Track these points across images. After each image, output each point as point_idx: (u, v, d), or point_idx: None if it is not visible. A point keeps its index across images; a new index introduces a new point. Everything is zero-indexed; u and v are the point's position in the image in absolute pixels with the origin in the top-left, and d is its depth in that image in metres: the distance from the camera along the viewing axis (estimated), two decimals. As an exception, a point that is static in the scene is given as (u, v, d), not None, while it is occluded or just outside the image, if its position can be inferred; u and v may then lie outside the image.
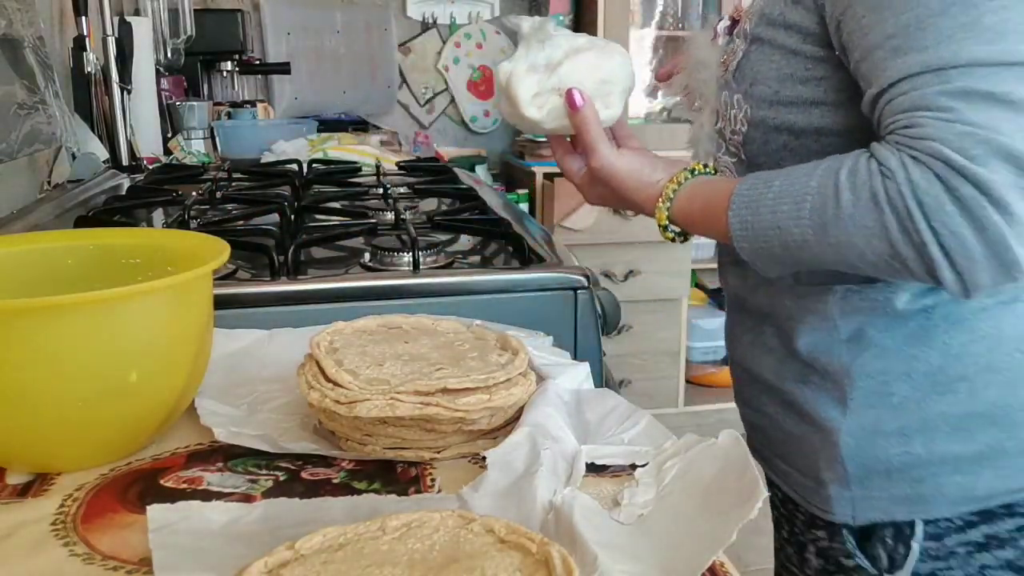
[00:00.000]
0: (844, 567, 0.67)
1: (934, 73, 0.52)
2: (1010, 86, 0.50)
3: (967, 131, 0.49)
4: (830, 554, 0.67)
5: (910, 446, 0.64)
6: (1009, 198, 0.48)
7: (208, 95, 2.31)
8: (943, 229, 0.50)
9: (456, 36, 2.93)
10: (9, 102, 1.34)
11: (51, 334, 0.50)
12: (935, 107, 0.51)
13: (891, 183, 0.52)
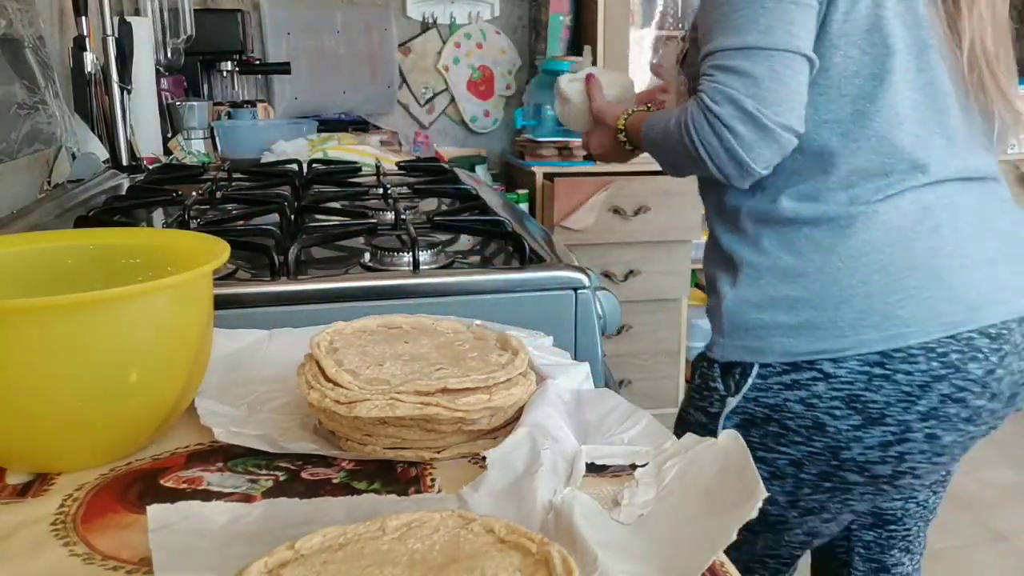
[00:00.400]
0: (710, 387, 0.99)
1: (709, 55, 0.89)
2: (739, 62, 0.86)
3: (714, 87, 0.87)
4: (706, 376, 0.99)
5: (761, 315, 0.94)
6: (733, 125, 0.86)
7: (208, 95, 2.31)
8: (703, 140, 0.88)
9: (456, 36, 2.93)
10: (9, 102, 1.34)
11: (51, 334, 0.50)
12: (705, 75, 0.89)
13: (685, 115, 0.90)
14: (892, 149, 0.90)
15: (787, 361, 0.91)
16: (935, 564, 2.13)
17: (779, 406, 0.92)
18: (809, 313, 0.90)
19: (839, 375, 0.89)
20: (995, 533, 2.26)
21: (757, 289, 0.94)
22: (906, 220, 0.90)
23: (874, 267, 0.89)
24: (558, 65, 2.59)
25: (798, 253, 0.92)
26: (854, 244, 0.90)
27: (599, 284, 0.93)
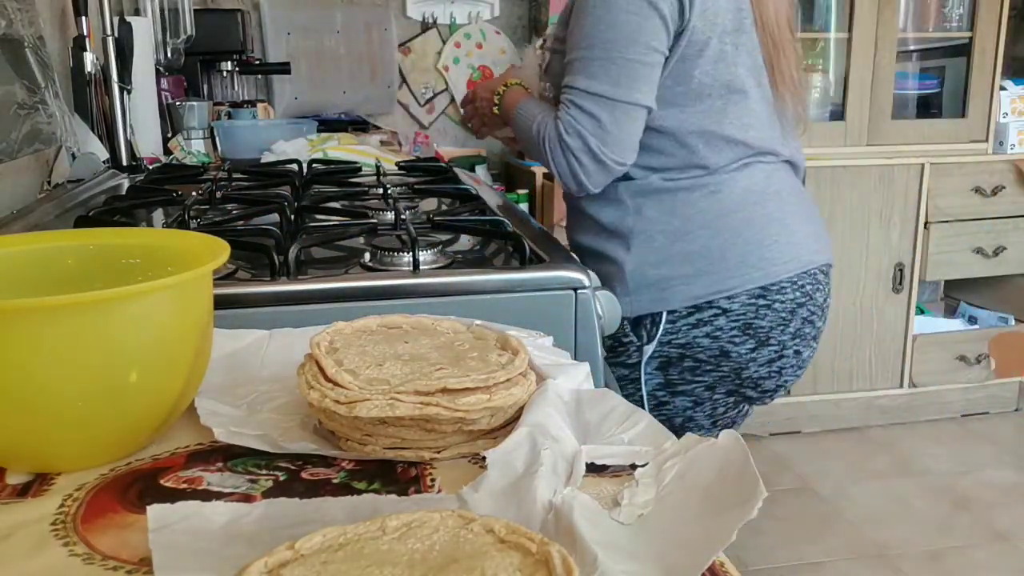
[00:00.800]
0: (623, 342, 1.16)
1: (568, 88, 1.11)
2: (590, 105, 1.09)
3: (569, 120, 1.10)
4: (616, 335, 1.15)
5: (660, 270, 1.12)
6: (580, 156, 1.10)
7: (208, 95, 2.31)
8: (554, 159, 1.12)
9: (456, 36, 2.93)
10: (9, 102, 1.34)
11: (51, 334, 0.50)
12: (563, 103, 1.12)
13: (545, 130, 1.13)
14: (743, 146, 1.14)
15: (690, 304, 1.12)
16: (935, 564, 2.14)
17: (690, 343, 1.14)
18: (701, 262, 1.12)
19: (734, 308, 1.12)
20: (995, 533, 2.26)
21: (653, 251, 1.14)
22: (757, 186, 1.15)
23: (743, 221, 1.13)
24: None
25: (681, 216, 1.14)
26: (724, 204, 1.13)
27: (599, 284, 0.93)
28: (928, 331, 2.86)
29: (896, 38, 2.68)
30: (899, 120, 2.77)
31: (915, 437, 2.81)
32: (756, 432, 2.76)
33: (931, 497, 2.44)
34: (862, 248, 2.72)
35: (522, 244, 0.94)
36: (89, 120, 1.73)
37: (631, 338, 1.14)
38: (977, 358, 2.88)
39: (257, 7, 2.69)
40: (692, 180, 1.14)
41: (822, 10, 2.74)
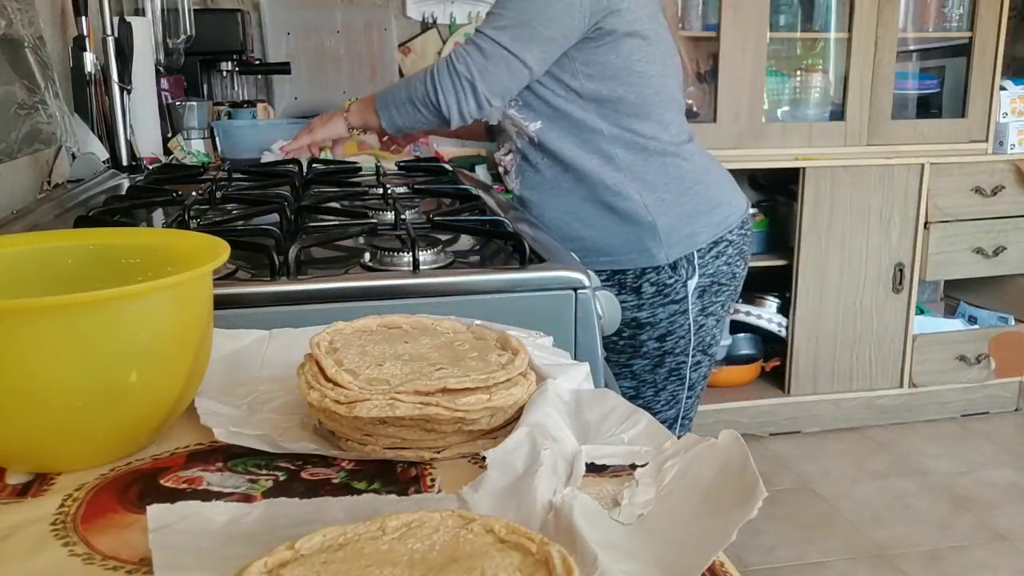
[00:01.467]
0: (668, 283, 1.38)
1: (476, 32, 1.30)
2: (485, 44, 1.28)
3: (461, 52, 1.29)
4: (657, 280, 1.38)
5: (684, 221, 1.38)
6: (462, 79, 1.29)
7: (208, 95, 2.31)
8: (439, 83, 1.31)
9: (456, 36, 2.93)
10: (9, 102, 1.34)
11: (51, 334, 0.50)
12: (465, 43, 1.30)
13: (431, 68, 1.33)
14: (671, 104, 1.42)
15: (710, 241, 1.40)
16: (935, 564, 2.14)
17: (715, 272, 1.41)
18: (706, 208, 1.40)
19: (734, 239, 1.43)
20: (995, 533, 2.26)
21: (669, 206, 1.37)
22: (702, 151, 1.46)
23: (716, 177, 1.45)
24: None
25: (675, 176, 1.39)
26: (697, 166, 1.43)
27: (599, 284, 0.93)
28: (928, 331, 2.86)
29: (896, 38, 2.68)
30: (899, 120, 2.77)
31: (915, 437, 2.81)
32: (756, 432, 2.76)
33: (931, 497, 2.44)
34: (862, 248, 2.72)
35: (522, 244, 0.94)
36: (89, 120, 1.73)
37: (675, 278, 1.37)
38: (977, 358, 2.88)
39: (257, 7, 2.69)
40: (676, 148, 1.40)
41: (822, 10, 2.74)
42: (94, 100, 1.71)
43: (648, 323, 1.39)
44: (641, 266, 1.37)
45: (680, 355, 1.42)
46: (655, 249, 1.35)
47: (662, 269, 1.36)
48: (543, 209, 1.41)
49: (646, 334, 1.39)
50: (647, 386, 1.44)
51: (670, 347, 1.40)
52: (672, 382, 1.43)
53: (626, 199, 1.36)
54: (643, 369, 1.42)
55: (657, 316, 1.38)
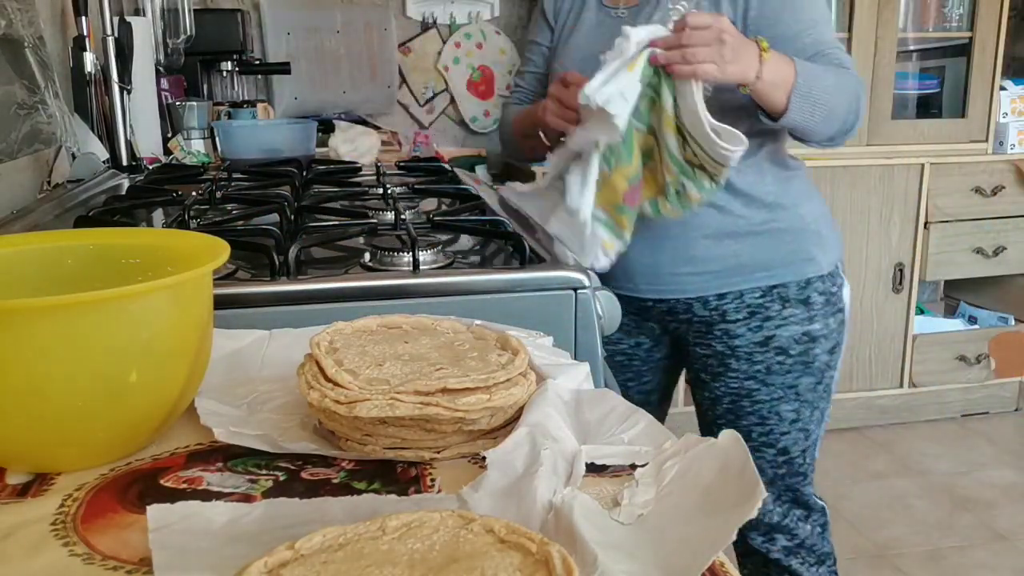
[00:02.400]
0: (832, 292, 1.30)
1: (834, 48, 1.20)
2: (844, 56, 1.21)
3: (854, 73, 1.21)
4: (825, 289, 1.29)
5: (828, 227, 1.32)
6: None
7: (208, 95, 2.31)
8: (861, 104, 1.20)
9: (456, 36, 2.93)
10: (9, 102, 1.34)
11: (51, 334, 0.50)
12: (838, 59, 1.20)
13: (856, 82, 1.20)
14: None
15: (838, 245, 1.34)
16: (935, 564, 2.14)
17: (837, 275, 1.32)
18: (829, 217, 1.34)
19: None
20: (995, 533, 2.26)
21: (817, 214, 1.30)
22: None
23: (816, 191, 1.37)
24: (558, 65, 2.60)
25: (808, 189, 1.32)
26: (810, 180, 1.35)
27: (599, 284, 0.93)
28: (928, 331, 2.86)
29: (896, 38, 2.68)
30: (899, 120, 2.77)
31: (915, 437, 2.81)
32: (756, 432, 2.76)
33: (931, 497, 2.44)
34: (862, 248, 2.72)
35: (522, 244, 0.94)
36: (89, 120, 1.73)
37: (837, 284, 1.31)
38: (977, 358, 2.88)
39: (257, 7, 2.69)
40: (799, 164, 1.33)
41: (822, 10, 2.73)
42: (94, 100, 1.71)
43: (822, 335, 1.29)
44: (806, 276, 1.27)
45: (835, 368, 1.33)
46: (819, 256, 1.28)
47: (826, 277, 1.29)
48: (685, 226, 1.24)
49: (819, 347, 1.29)
50: (807, 407, 1.32)
51: (834, 360, 1.32)
52: (824, 398, 1.34)
53: (782, 210, 1.27)
54: (808, 388, 1.31)
55: (829, 327, 1.29)
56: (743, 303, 1.27)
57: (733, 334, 1.29)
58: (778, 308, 1.27)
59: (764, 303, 1.27)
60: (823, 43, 1.18)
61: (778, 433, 1.31)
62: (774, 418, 1.31)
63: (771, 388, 1.29)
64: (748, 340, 1.28)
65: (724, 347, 1.30)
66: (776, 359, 1.28)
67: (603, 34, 1.24)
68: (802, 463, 1.35)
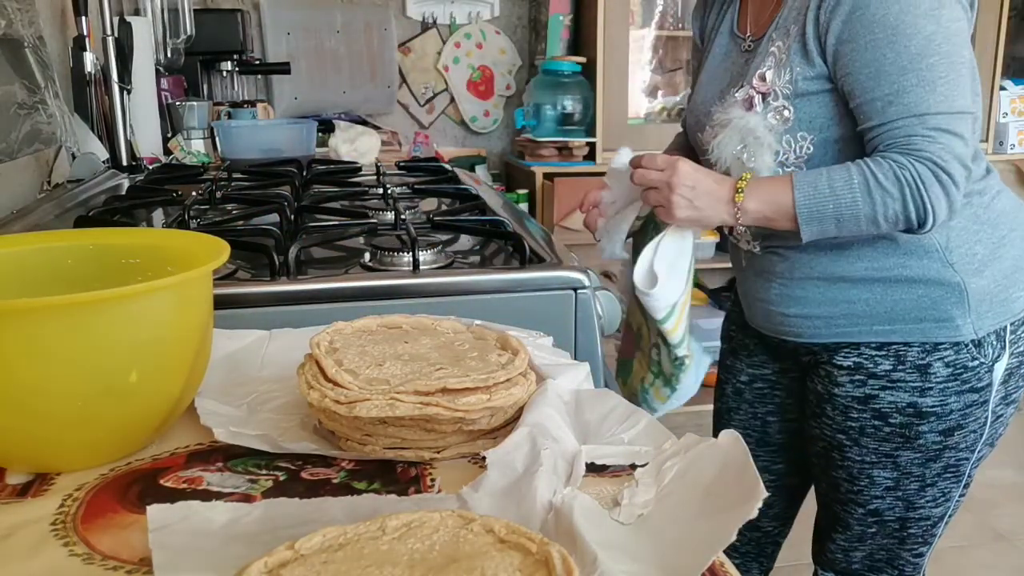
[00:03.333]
0: (969, 367, 1.05)
1: (917, 118, 0.95)
2: (956, 125, 0.95)
3: (941, 148, 0.94)
4: (956, 361, 1.05)
5: (999, 282, 1.06)
6: (959, 180, 0.94)
7: (208, 95, 2.31)
8: (933, 197, 0.94)
9: (456, 36, 2.93)
10: (9, 102, 1.34)
11: (51, 334, 0.50)
12: (922, 135, 0.95)
13: (905, 171, 0.94)
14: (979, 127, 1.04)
15: None
16: (935, 564, 2.13)
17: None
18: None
19: None
20: (995, 533, 2.26)
21: (981, 263, 1.05)
22: (1003, 184, 1.13)
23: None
24: (558, 65, 2.60)
25: (988, 222, 1.07)
26: (1011, 203, 1.11)
27: (599, 284, 0.93)
28: (928, 331, 2.85)
29: (896, 38, 2.67)
30: (899, 120, 2.77)
31: (915, 437, 2.80)
32: (756, 432, 2.76)
33: (931, 497, 2.44)
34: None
35: (522, 244, 0.94)
36: (89, 120, 1.73)
37: (979, 360, 1.05)
38: (977, 358, 2.87)
39: (257, 7, 2.69)
40: (980, 184, 1.07)
41: (822, 10, 2.73)
42: (94, 100, 1.71)
43: (933, 413, 1.06)
44: (935, 340, 1.04)
45: (964, 451, 1.10)
46: (960, 319, 1.03)
47: (963, 346, 1.04)
48: (791, 264, 1.09)
49: (927, 425, 1.06)
50: (912, 479, 1.11)
51: (955, 442, 1.09)
52: (947, 479, 1.11)
53: (923, 254, 1.04)
54: (911, 462, 1.10)
55: (948, 406, 1.05)
56: (855, 351, 1.08)
57: (835, 380, 1.10)
58: (888, 367, 1.06)
59: (876, 357, 1.07)
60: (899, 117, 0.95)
61: (869, 495, 1.13)
62: (865, 479, 1.12)
63: (863, 450, 1.10)
64: (847, 392, 1.09)
65: (824, 390, 1.12)
66: (872, 422, 1.08)
67: (730, 65, 1.12)
68: (898, 529, 1.15)
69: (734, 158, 1.04)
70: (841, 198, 0.96)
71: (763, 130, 1.03)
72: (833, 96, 1.00)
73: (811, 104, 1.01)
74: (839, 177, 0.96)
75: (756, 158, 1.03)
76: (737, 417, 1.32)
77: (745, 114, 1.04)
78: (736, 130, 1.04)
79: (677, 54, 2.86)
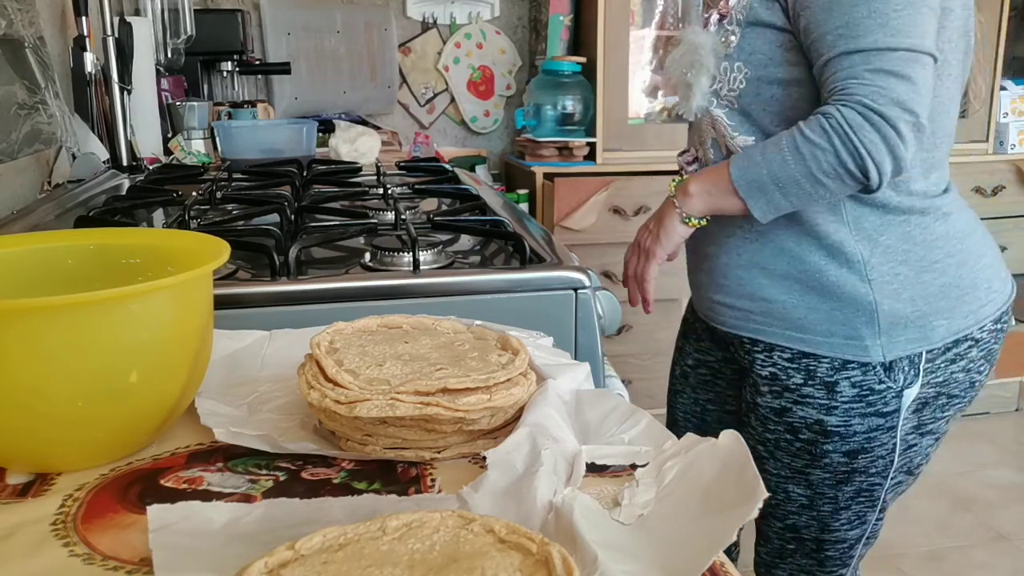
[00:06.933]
0: (875, 389, 1.01)
1: (860, 54, 0.89)
2: (903, 67, 0.88)
3: (875, 90, 0.88)
4: (862, 382, 1.01)
5: (917, 306, 1.00)
6: (899, 126, 0.88)
7: (208, 95, 2.31)
8: (866, 141, 0.88)
9: (456, 36, 2.93)
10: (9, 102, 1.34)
11: (51, 334, 0.50)
12: (859, 77, 0.89)
13: (831, 119, 0.89)
14: (944, 139, 1.04)
15: (951, 338, 1.02)
16: (935, 564, 2.13)
17: (946, 380, 1.04)
18: (956, 292, 1.02)
19: (983, 338, 1.05)
20: (995, 533, 2.26)
21: (900, 284, 1.00)
22: (963, 205, 1.08)
23: (977, 243, 1.05)
24: (558, 65, 2.60)
25: (922, 243, 1.01)
26: (957, 227, 1.04)
27: (599, 284, 0.93)
28: (928, 331, 2.86)
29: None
30: (899, 120, 2.77)
31: (915, 437, 2.81)
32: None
33: (931, 497, 2.44)
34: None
35: (522, 244, 0.94)
36: (89, 120, 1.73)
37: (887, 384, 1.01)
38: (977, 358, 2.87)
39: (257, 7, 2.69)
40: (926, 201, 1.01)
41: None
42: (94, 100, 1.72)
43: (837, 433, 1.03)
44: (844, 357, 1.01)
45: (875, 476, 1.07)
46: (868, 340, 1.00)
47: (871, 368, 1.01)
48: (719, 248, 1.08)
49: (831, 445, 1.04)
50: (825, 501, 1.08)
51: (862, 466, 1.05)
52: (860, 503, 1.09)
53: (844, 263, 1.00)
54: (822, 482, 1.07)
55: (851, 427, 1.03)
56: (770, 360, 1.06)
57: (758, 390, 1.08)
58: (800, 381, 1.04)
59: (789, 370, 1.04)
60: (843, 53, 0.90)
61: (786, 510, 1.12)
62: (781, 494, 1.11)
63: (778, 464, 1.09)
64: (767, 404, 1.07)
65: (750, 399, 1.10)
66: (785, 436, 1.06)
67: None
68: (815, 550, 1.13)
69: (681, 75, 1.04)
70: (772, 161, 0.93)
71: (707, 50, 1.01)
72: (782, 37, 0.97)
73: (757, 36, 0.98)
74: (771, 143, 0.94)
75: (695, 79, 1.02)
76: (681, 400, 1.33)
77: (699, 31, 1.03)
78: (687, 46, 1.04)
79: (677, 54, 2.85)
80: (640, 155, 2.54)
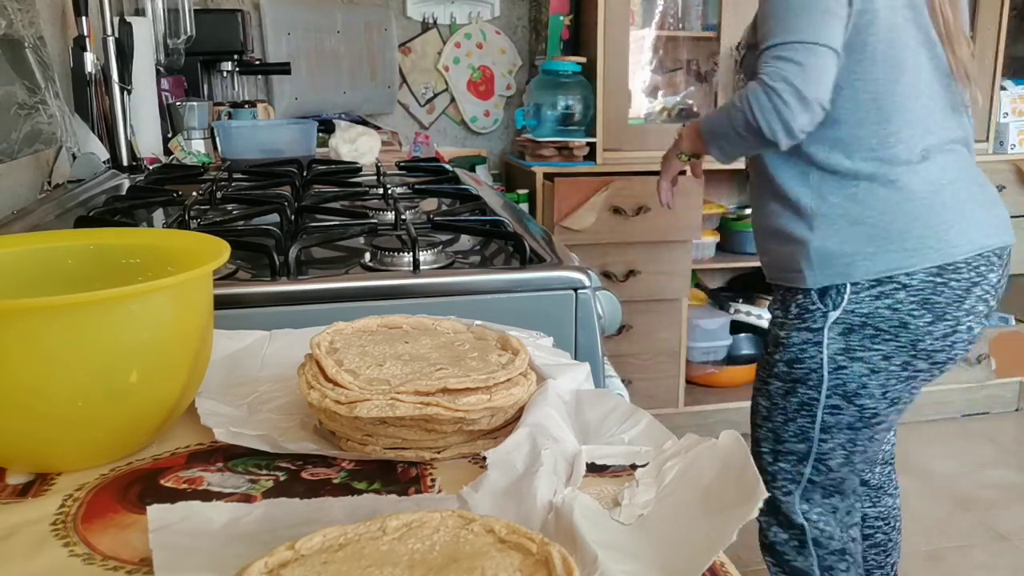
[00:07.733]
0: (810, 309, 1.34)
1: (769, 48, 1.22)
2: (794, 54, 1.19)
3: (770, 71, 1.20)
4: (803, 304, 1.35)
5: (843, 247, 1.29)
6: (786, 97, 1.19)
7: (208, 95, 2.31)
8: (758, 106, 1.22)
9: (456, 36, 2.93)
10: (9, 102, 1.34)
11: (51, 334, 0.50)
12: (766, 63, 1.22)
13: (745, 90, 1.23)
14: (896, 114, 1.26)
15: (872, 278, 1.27)
16: (935, 564, 2.13)
17: (871, 313, 1.28)
18: (881, 242, 1.26)
19: (913, 284, 1.26)
20: (995, 533, 2.26)
21: (834, 231, 1.29)
22: (933, 177, 1.26)
23: (923, 208, 1.26)
24: (558, 65, 2.60)
25: (862, 203, 1.28)
26: (903, 195, 1.26)
27: (599, 284, 0.93)
28: (928, 331, 2.85)
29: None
30: (899, 120, 2.77)
31: (915, 437, 2.81)
32: (756, 432, 2.76)
33: (931, 497, 2.44)
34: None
35: (522, 244, 0.94)
36: (89, 120, 1.73)
37: (817, 305, 1.32)
38: (977, 358, 2.88)
39: (257, 7, 2.69)
40: (874, 168, 1.27)
41: (822, 10, 2.73)
42: (94, 100, 1.72)
43: (782, 344, 1.38)
44: (793, 285, 1.36)
45: (811, 389, 1.36)
46: (806, 271, 1.32)
47: (809, 293, 1.33)
48: (756, 217, 1.46)
49: (779, 354, 1.38)
50: (778, 411, 1.41)
51: (799, 375, 1.36)
52: (802, 416, 1.38)
53: (799, 216, 1.33)
54: (776, 392, 1.40)
55: (791, 339, 1.36)
56: (778, 296, 1.41)
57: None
58: (776, 307, 1.40)
59: (775, 299, 1.42)
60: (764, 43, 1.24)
61: (753, 423, 1.47)
62: (754, 405, 1.46)
63: (758, 380, 1.45)
64: (769, 332, 1.45)
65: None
66: (764, 353, 1.44)
67: None
68: (772, 462, 1.44)
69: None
70: (719, 119, 1.32)
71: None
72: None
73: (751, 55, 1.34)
74: (723, 105, 1.33)
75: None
76: None
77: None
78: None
79: (677, 54, 2.85)
80: (640, 155, 2.54)
